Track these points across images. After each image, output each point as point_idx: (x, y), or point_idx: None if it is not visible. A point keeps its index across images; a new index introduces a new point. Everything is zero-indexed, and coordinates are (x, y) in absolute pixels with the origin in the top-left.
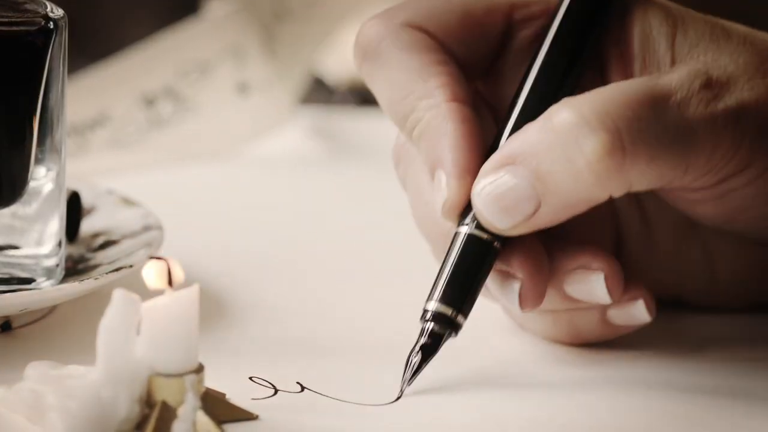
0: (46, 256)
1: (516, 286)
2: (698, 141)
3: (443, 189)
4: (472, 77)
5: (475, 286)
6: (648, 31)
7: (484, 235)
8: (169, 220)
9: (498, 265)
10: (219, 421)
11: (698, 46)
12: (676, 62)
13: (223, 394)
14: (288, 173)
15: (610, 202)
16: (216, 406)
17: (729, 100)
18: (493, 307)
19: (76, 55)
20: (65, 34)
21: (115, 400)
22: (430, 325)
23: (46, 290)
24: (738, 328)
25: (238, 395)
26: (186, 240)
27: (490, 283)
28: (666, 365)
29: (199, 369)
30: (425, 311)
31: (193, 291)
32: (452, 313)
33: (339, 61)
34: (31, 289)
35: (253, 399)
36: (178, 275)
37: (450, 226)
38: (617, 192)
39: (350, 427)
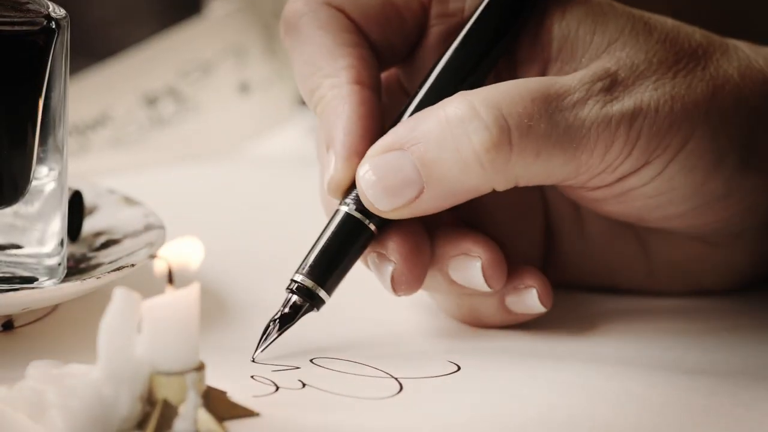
0: (48, 256)
1: (390, 269)
2: (589, 140)
3: (330, 168)
4: (389, 63)
5: (343, 265)
6: (566, 32)
7: (360, 216)
8: (170, 219)
9: (375, 247)
10: (220, 419)
11: (617, 41)
12: (592, 60)
13: (225, 392)
14: (288, 172)
15: (541, 193)
16: (217, 403)
17: (627, 101)
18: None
19: (78, 55)
20: (67, 34)
21: (116, 398)
22: (292, 297)
23: (48, 289)
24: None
25: (239, 393)
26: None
27: (371, 266)
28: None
29: (201, 367)
30: (291, 281)
31: (194, 289)
32: (314, 287)
33: None
34: (33, 288)
35: (254, 396)
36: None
37: None
38: (502, 185)
39: (351, 423)
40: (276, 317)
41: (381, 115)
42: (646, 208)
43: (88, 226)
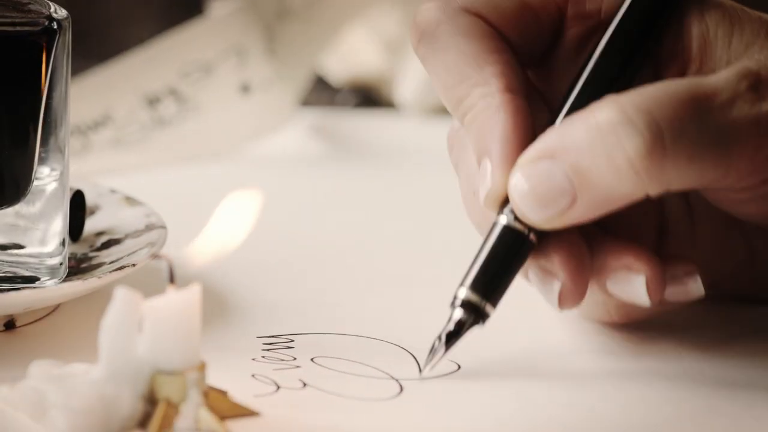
0: (50, 255)
1: (556, 285)
2: (740, 142)
3: (487, 179)
4: (524, 65)
5: (506, 277)
6: (705, 32)
7: (520, 227)
8: (171, 219)
9: (540, 263)
10: (221, 418)
11: (754, 44)
12: (731, 62)
13: (225, 392)
14: (289, 173)
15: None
16: (218, 403)
17: None
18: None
19: (79, 56)
20: (69, 35)
21: (117, 397)
22: (458, 312)
23: (50, 289)
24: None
25: (240, 392)
26: (188, 239)
27: (533, 279)
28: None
29: (202, 366)
30: (455, 297)
31: (195, 289)
32: (480, 301)
33: (341, 62)
34: (34, 288)
35: (255, 396)
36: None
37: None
38: (655, 191)
39: (352, 424)
40: (442, 333)
41: (533, 122)
42: None
43: (90, 225)
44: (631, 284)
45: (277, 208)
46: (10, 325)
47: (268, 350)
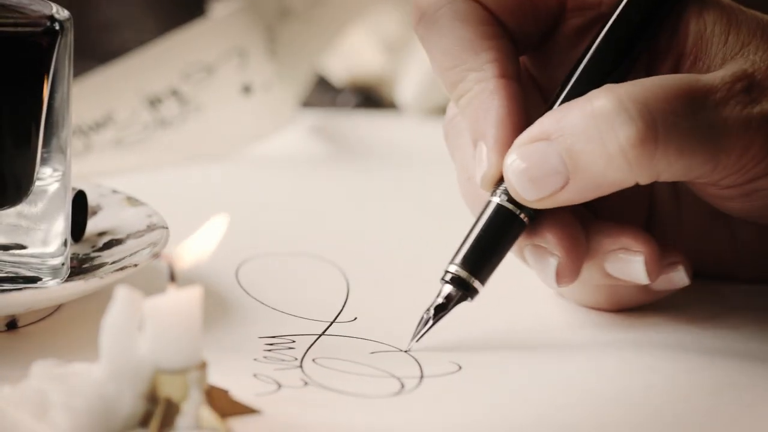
0: (52, 255)
1: (553, 263)
2: (730, 140)
3: (483, 161)
4: (520, 51)
5: (496, 255)
6: (702, 29)
7: (512, 207)
8: (173, 219)
9: (533, 240)
10: (222, 417)
11: (750, 44)
12: (726, 60)
13: (227, 390)
14: (291, 173)
15: None
16: (219, 401)
17: (766, 104)
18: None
19: (81, 57)
20: (70, 36)
21: (119, 396)
22: (447, 287)
23: (52, 289)
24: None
25: (241, 391)
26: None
27: (528, 258)
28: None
29: (203, 365)
30: (445, 272)
31: (196, 288)
32: (468, 277)
33: (342, 62)
34: (36, 288)
35: (256, 395)
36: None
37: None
38: (645, 179)
39: (354, 422)
40: (431, 307)
41: (527, 107)
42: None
43: (92, 225)
44: (630, 264)
45: (278, 208)
46: (12, 325)
47: (269, 350)
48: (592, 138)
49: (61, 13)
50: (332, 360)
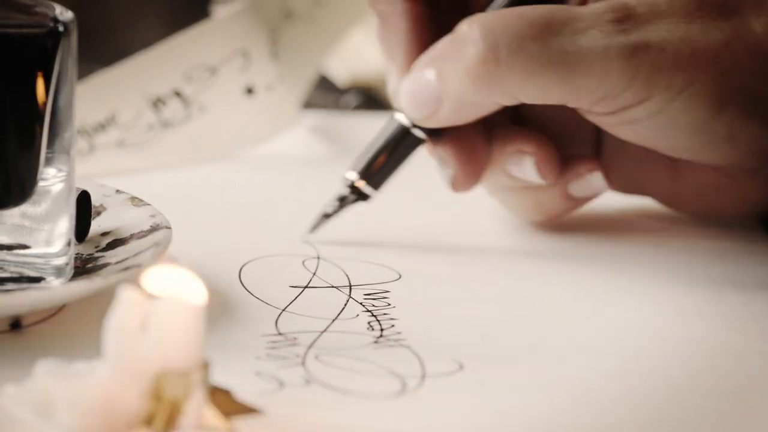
0: (56, 256)
1: (449, 172)
2: (583, 65)
3: (392, 81)
4: None
5: (390, 165)
6: None
7: (406, 123)
8: (176, 220)
9: (438, 152)
10: (226, 417)
11: None
12: None
13: (229, 390)
14: (293, 174)
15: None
16: (222, 401)
17: (633, 36)
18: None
19: (84, 58)
20: (74, 37)
21: (122, 397)
22: (345, 191)
23: (56, 289)
24: None
25: (244, 391)
26: (193, 239)
27: (438, 168)
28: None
29: (206, 365)
30: (344, 178)
31: (199, 289)
32: (359, 180)
33: (344, 63)
34: (40, 288)
35: (259, 394)
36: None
37: None
38: (502, 100)
39: (356, 422)
40: (327, 205)
41: (434, 28)
42: (655, 138)
43: (95, 226)
44: (524, 165)
45: (280, 208)
46: (16, 325)
47: (272, 349)
48: (450, 60)
49: (65, 14)
50: (335, 357)
